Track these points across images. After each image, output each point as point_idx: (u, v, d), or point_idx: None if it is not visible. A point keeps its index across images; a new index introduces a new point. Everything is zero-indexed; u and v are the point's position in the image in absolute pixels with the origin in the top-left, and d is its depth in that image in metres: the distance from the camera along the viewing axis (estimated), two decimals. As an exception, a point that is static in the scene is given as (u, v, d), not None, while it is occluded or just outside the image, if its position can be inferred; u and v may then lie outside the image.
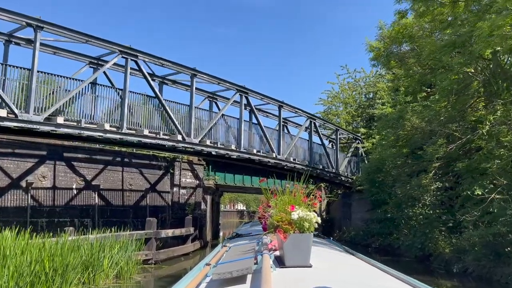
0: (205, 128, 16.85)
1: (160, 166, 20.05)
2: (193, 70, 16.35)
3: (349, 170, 27.29)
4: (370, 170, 18.73)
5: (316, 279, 2.38)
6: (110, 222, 17.24)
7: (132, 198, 18.62)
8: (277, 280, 2.25)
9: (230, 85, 18.10)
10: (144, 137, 14.44)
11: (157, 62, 15.21)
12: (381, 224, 21.71)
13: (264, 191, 3.33)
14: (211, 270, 2.80)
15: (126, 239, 12.83)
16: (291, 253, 2.71)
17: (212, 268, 2.87)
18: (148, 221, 14.57)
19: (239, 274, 2.38)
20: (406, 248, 17.20)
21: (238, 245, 4.36)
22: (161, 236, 15.19)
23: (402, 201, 17.21)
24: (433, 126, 13.25)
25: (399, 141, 16.13)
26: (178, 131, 15.54)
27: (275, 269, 2.56)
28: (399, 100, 19.04)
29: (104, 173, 17.71)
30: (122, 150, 18.73)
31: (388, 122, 15.46)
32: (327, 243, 5.40)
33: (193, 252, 18.76)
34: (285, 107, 21.24)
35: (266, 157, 19.58)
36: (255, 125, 19.72)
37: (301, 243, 2.73)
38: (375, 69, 27.91)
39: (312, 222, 2.79)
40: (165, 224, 19.76)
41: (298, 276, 2.47)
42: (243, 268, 2.43)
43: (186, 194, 20.81)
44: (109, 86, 14.45)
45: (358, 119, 31.36)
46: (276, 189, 3.20)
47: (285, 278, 2.39)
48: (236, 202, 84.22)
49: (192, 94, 16.38)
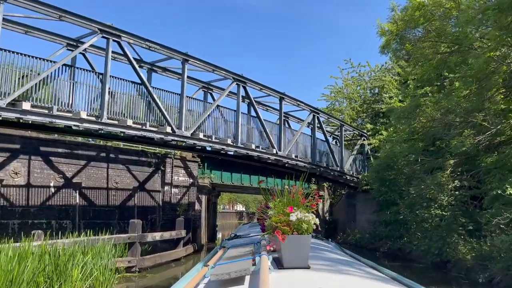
0: (198, 120, 15.17)
1: (150, 162, 18.35)
2: (185, 54, 14.68)
3: (354, 168, 25.60)
4: (380, 168, 17.03)
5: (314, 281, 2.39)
6: (92, 224, 15.59)
7: (118, 197, 16.93)
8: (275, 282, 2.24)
9: (227, 73, 16.42)
10: (127, 128, 12.76)
11: (143, 44, 13.53)
12: (390, 226, 20.01)
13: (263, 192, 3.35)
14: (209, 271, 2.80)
15: (104, 244, 11.13)
16: (289, 254, 2.72)
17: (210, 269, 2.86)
18: (132, 223, 12.87)
19: (237, 275, 2.40)
20: (421, 253, 15.50)
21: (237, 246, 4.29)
22: (146, 240, 13.48)
23: (416, 202, 15.52)
24: (457, 115, 11.56)
25: (414, 134, 14.44)
26: (167, 122, 13.86)
27: (273, 271, 2.56)
28: (409, 91, 17.35)
29: (87, 170, 16.01)
30: (107, 144, 17.04)
31: (403, 112, 13.77)
32: (325, 244, 5.33)
33: (185, 257, 17.06)
34: (287, 100, 19.57)
35: (266, 153, 17.90)
36: (254, 118, 18.04)
37: (299, 244, 2.73)
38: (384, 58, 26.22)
39: (311, 224, 2.78)
40: (155, 226, 18.08)
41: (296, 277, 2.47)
42: (241, 269, 2.45)
43: (178, 194, 19.12)
44: (89, 70, 12.76)
45: (363, 115, 29.67)
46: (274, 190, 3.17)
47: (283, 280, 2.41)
48: (235, 203, 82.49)
49: (184, 82, 14.71)
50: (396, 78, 26.84)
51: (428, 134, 13.46)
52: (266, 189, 3.39)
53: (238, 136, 16.57)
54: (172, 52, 14.45)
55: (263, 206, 3.50)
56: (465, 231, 14.83)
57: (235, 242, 5.08)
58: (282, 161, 19.11)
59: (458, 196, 15.22)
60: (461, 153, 14.56)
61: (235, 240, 5.49)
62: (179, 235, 16.17)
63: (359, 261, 3.86)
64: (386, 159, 16.41)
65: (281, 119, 19.17)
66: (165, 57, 15.37)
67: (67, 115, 11.46)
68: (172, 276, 13.63)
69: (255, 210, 42.68)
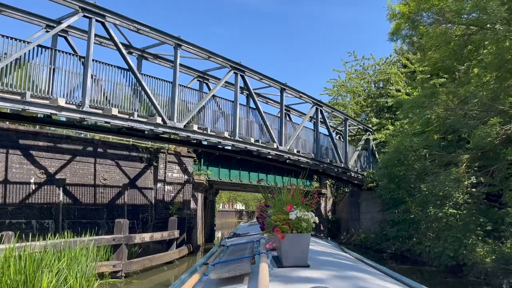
0: (192, 111, 13.92)
1: (142, 158, 17.10)
2: (177, 39, 13.41)
3: (359, 165, 24.33)
4: (389, 163, 15.77)
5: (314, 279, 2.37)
6: (78, 224, 14.40)
7: (106, 195, 15.69)
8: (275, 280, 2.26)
9: (223, 61, 15.16)
10: (113, 118, 11.50)
11: (131, 26, 12.25)
12: (399, 226, 18.76)
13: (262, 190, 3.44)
14: (208, 270, 2.78)
15: (84, 247, 9.89)
16: (288, 253, 2.70)
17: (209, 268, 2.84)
18: (117, 223, 11.61)
19: (237, 273, 2.40)
20: (434, 256, 14.26)
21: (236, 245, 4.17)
22: (134, 241, 12.24)
23: (428, 200, 14.29)
24: (479, 103, 10.30)
25: (429, 126, 13.16)
26: (157, 112, 12.61)
27: (273, 269, 2.57)
28: (418, 83, 16.12)
29: (72, 165, 14.77)
30: (94, 137, 15.80)
31: (417, 101, 12.48)
32: (325, 243, 5.26)
33: (179, 260, 15.84)
34: (288, 91, 18.30)
35: (266, 148, 16.64)
36: (253, 110, 16.79)
37: (298, 243, 2.72)
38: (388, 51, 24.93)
39: (310, 222, 2.77)
40: (147, 226, 16.85)
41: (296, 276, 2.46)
42: (240, 268, 2.46)
43: (172, 191, 17.88)
44: (71, 54, 11.48)
45: (368, 109, 28.41)
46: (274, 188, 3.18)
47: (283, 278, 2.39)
48: (235, 202, 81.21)
49: (176, 69, 13.45)
50: (402, 71, 25.55)
51: (445, 125, 12.20)
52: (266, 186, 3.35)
53: (236, 129, 15.33)
54: (163, 36, 13.19)
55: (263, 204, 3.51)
56: (483, 231, 13.63)
57: (234, 240, 5.02)
58: (284, 157, 17.85)
59: (475, 193, 14.00)
60: (477, 147, 13.33)
61: (235, 238, 5.43)
62: (171, 235, 14.93)
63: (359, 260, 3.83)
64: (396, 154, 15.14)
65: (282, 111, 17.91)
66: (157, 43, 14.11)
67: (42, 102, 10.20)
68: (163, 281, 12.41)
69: (255, 209, 41.46)
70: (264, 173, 24.56)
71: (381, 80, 28.74)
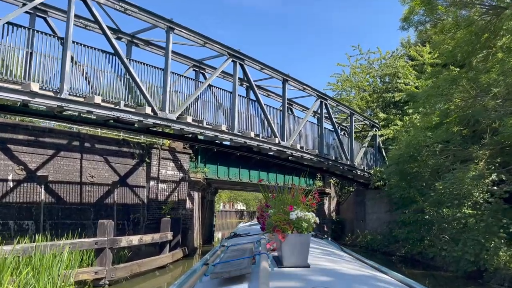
0: (186, 101, 12.69)
1: (133, 153, 15.86)
2: (169, 21, 12.17)
3: (365, 163, 23.07)
4: (401, 159, 14.50)
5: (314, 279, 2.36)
6: (61, 225, 13.19)
7: (94, 193, 14.46)
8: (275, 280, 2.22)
9: (221, 48, 13.92)
10: (96, 107, 10.26)
11: (117, 5, 10.99)
12: (409, 227, 17.48)
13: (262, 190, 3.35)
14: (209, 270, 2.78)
15: (59, 252, 8.66)
16: (289, 253, 2.69)
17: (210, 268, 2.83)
18: (100, 225, 10.36)
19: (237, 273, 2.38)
20: (452, 260, 13.00)
21: (237, 245, 4.18)
22: (120, 245, 10.98)
23: (445, 199, 13.04)
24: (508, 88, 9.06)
25: (448, 117, 11.88)
26: (146, 101, 11.39)
27: (273, 269, 2.58)
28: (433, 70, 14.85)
29: (55, 161, 13.54)
30: (81, 131, 14.58)
31: (436, 90, 11.17)
32: (325, 243, 5.19)
33: (173, 263, 14.62)
34: (291, 82, 17.05)
35: (268, 143, 15.40)
36: (253, 102, 15.56)
37: (299, 243, 2.72)
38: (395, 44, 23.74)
39: (310, 223, 2.76)
40: (139, 228, 15.62)
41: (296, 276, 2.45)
42: (241, 268, 2.44)
43: (166, 190, 16.64)
44: (50, 35, 10.23)
45: (374, 105, 27.15)
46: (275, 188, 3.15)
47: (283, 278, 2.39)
48: (235, 202, 79.93)
49: (168, 54, 12.22)
50: (410, 63, 24.27)
51: (466, 117, 10.91)
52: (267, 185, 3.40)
53: (234, 122, 14.09)
54: (154, 18, 11.94)
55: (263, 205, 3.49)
56: (506, 233, 12.37)
57: (235, 241, 5.02)
58: (286, 153, 16.61)
59: (497, 192, 12.74)
60: (497, 142, 12.08)
61: (235, 238, 5.40)
62: (163, 238, 13.68)
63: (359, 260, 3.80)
64: (408, 149, 13.88)
65: (285, 104, 16.66)
66: (148, 26, 12.90)
67: (13, 87, 8.97)
68: None
69: (255, 209, 40.21)
70: (265, 171, 23.33)
71: (388, 75, 27.48)
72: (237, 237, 5.56)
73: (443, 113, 11.98)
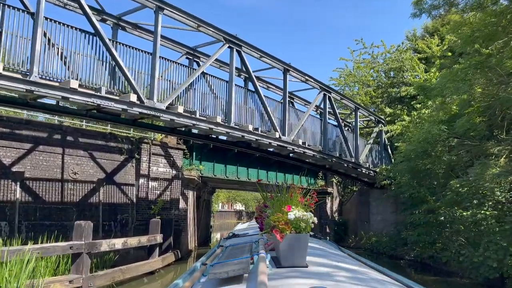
0: (177, 90, 11.45)
1: (121, 149, 14.60)
2: (159, 1, 10.92)
3: (370, 160, 21.83)
4: (414, 155, 13.24)
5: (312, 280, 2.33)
6: (39, 227, 11.95)
7: (77, 192, 13.20)
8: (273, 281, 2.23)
9: (216, 32, 12.67)
10: (72, 93, 9.01)
11: (98, -22, 9.77)
12: (419, 229, 16.23)
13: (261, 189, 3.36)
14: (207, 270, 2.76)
15: (24, 257, 7.40)
16: (287, 253, 2.68)
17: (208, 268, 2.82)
18: (77, 227, 9.10)
19: (236, 274, 2.38)
20: (472, 266, 11.76)
21: (235, 245, 4.19)
22: (100, 249, 9.70)
23: (463, 198, 11.82)
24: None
25: (471, 106, 10.63)
26: (131, 87, 10.15)
27: (271, 269, 2.56)
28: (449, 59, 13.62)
29: (33, 156, 12.28)
30: (62, 123, 13.33)
31: (457, 75, 9.87)
32: (324, 243, 5.04)
33: (164, 268, 13.37)
34: (293, 72, 15.81)
35: (267, 138, 14.16)
36: (252, 93, 14.33)
37: (297, 243, 2.69)
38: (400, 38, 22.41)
39: (309, 223, 2.73)
40: (127, 229, 14.36)
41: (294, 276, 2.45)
42: (239, 268, 2.43)
43: (157, 188, 15.38)
44: (22, 10, 8.96)
45: (378, 100, 25.92)
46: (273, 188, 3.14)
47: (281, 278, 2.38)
48: (234, 202, 78.65)
49: (157, 37, 10.97)
50: (418, 56, 23.02)
51: (492, 105, 9.65)
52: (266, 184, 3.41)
53: (231, 114, 12.86)
54: (140, -4, 10.70)
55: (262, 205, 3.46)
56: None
57: (233, 241, 4.98)
58: (287, 149, 15.37)
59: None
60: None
61: (233, 239, 5.37)
62: (152, 240, 12.41)
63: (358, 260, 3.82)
64: (421, 144, 12.64)
65: (286, 96, 15.41)
66: (136, 7, 11.67)
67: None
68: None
69: (254, 209, 38.95)
70: (264, 170, 22.09)
71: (393, 69, 26.28)
72: (236, 238, 5.53)
73: (464, 103, 10.72)
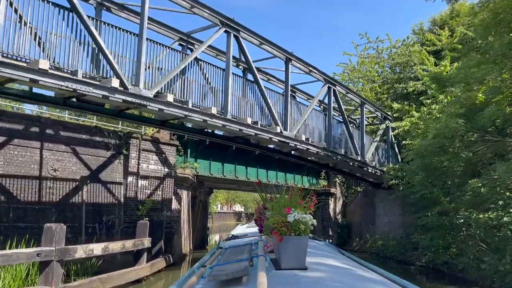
0: (167, 76, 10.21)
1: (108, 144, 13.35)
2: (146, -25, 9.70)
3: (377, 159, 20.59)
4: (430, 151, 11.99)
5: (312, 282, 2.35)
6: (13, 229, 10.71)
7: (57, 191, 11.95)
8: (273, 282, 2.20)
9: (211, 14, 11.44)
10: (42, 75, 7.76)
11: None
12: (432, 233, 14.97)
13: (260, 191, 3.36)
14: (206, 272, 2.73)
15: None
16: (286, 255, 2.67)
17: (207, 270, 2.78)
18: (46, 230, 7.82)
19: (235, 276, 2.38)
20: (498, 275, 10.50)
21: (234, 247, 4.03)
22: (74, 256, 8.40)
23: (487, 199, 10.59)
24: None
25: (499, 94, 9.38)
26: (113, 71, 8.91)
27: (271, 272, 2.55)
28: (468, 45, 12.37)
29: (7, 150, 11.04)
30: (41, 115, 12.09)
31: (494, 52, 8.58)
32: (323, 246, 5.03)
33: (153, 275, 12.11)
34: (295, 62, 14.58)
35: (267, 132, 12.93)
36: (251, 84, 13.10)
37: (297, 245, 2.68)
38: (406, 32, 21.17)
39: (308, 225, 2.72)
40: (113, 232, 13.10)
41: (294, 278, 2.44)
42: (238, 270, 2.42)
43: (148, 187, 14.13)
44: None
45: (384, 96, 24.70)
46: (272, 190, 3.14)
47: (281, 281, 2.37)
48: (233, 203, 77.36)
49: (144, 16, 9.74)
50: (428, 49, 21.80)
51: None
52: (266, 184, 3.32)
53: (227, 105, 11.62)
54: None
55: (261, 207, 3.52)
56: None
57: (232, 243, 4.90)
58: (289, 145, 14.13)
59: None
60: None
61: (233, 241, 5.30)
62: (139, 245, 11.13)
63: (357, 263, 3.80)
64: (438, 139, 11.40)
65: (288, 87, 14.17)
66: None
67: None
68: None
69: (254, 210, 37.69)
70: (264, 169, 20.83)
71: (399, 64, 25.08)
72: (235, 239, 5.43)
73: (493, 89, 9.44)
